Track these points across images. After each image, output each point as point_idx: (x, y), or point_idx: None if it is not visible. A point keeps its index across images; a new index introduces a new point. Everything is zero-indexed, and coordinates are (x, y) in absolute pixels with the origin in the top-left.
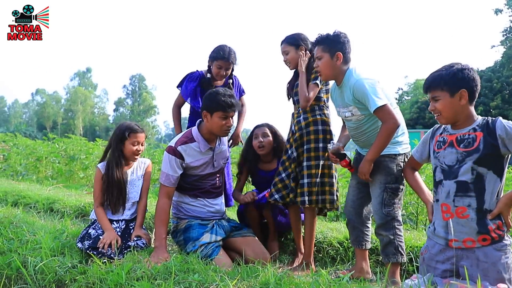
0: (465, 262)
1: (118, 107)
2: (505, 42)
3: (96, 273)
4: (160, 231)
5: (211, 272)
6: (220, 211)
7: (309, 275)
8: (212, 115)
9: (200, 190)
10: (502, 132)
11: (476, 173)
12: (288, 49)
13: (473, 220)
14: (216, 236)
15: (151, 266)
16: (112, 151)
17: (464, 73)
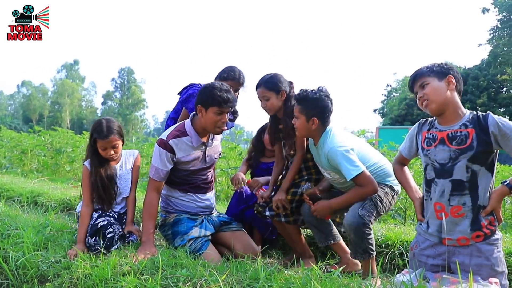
0: (457, 258)
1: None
2: (492, 40)
3: (80, 268)
4: (147, 225)
5: (199, 267)
6: (210, 206)
7: (299, 270)
8: (207, 110)
9: (191, 185)
10: (495, 128)
11: (470, 171)
12: (268, 95)
13: (467, 218)
14: (206, 231)
15: (138, 261)
16: (92, 151)
17: (449, 65)
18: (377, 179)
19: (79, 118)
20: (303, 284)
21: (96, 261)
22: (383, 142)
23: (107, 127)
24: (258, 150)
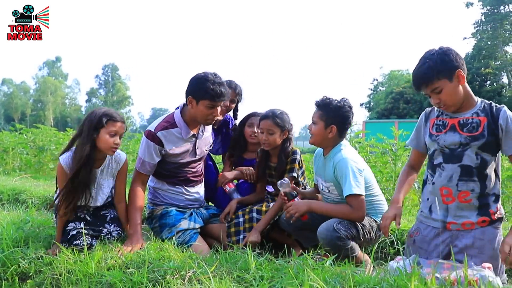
0: (460, 242)
1: (91, 98)
2: (476, 34)
3: (63, 264)
4: (134, 217)
5: (188, 259)
6: (199, 199)
7: (291, 259)
8: (198, 103)
9: (179, 178)
10: (504, 122)
11: (480, 158)
12: (273, 130)
13: (474, 204)
14: (195, 224)
15: (123, 254)
16: (81, 142)
17: (449, 54)
18: (370, 211)
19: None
20: (295, 273)
21: (80, 256)
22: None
23: (117, 113)
24: (240, 146)
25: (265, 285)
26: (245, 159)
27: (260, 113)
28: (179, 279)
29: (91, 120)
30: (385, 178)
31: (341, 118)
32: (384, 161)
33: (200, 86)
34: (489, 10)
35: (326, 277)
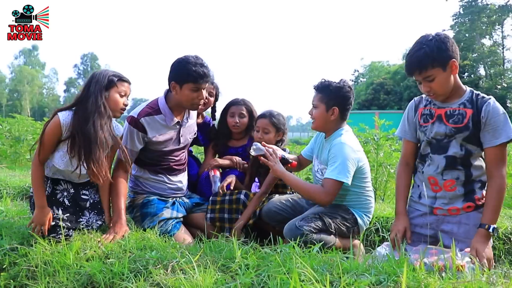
0: (446, 226)
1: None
2: (455, 26)
3: (39, 255)
4: (118, 204)
5: (170, 249)
6: (181, 188)
7: (277, 247)
8: (182, 87)
9: (162, 166)
10: (485, 115)
11: (465, 150)
12: (269, 129)
13: (460, 191)
14: (177, 213)
15: (104, 244)
16: (94, 100)
17: (446, 43)
18: (355, 204)
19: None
20: (282, 261)
21: (57, 246)
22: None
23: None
24: (224, 134)
25: (251, 273)
26: (230, 147)
27: (239, 100)
28: (162, 269)
29: (99, 81)
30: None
31: (342, 99)
32: (367, 151)
33: (182, 70)
34: (467, 3)
35: (314, 265)
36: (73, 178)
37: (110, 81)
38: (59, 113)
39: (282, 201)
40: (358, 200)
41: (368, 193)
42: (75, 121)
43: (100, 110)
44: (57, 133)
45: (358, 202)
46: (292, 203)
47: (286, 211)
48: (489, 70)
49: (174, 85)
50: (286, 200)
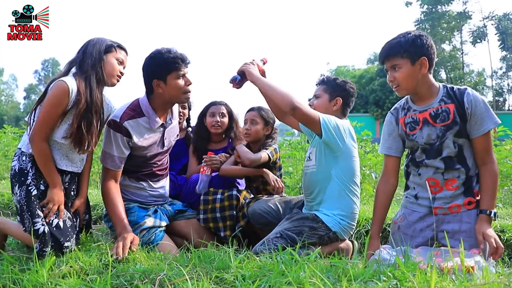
0: (447, 226)
1: (30, 94)
2: None
3: (7, 274)
4: (118, 213)
5: (156, 260)
6: (163, 195)
7: (275, 255)
8: (167, 81)
9: (143, 172)
10: (469, 105)
11: (457, 146)
12: (257, 120)
13: (461, 188)
14: (160, 221)
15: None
16: (92, 64)
17: (422, 40)
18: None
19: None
20: (281, 270)
21: (28, 263)
22: None
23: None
24: (202, 138)
25: (250, 285)
26: (210, 149)
27: (219, 101)
28: (149, 283)
29: (96, 44)
30: None
31: (346, 93)
32: None
33: (159, 63)
34: (428, 9)
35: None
36: (72, 157)
37: (109, 45)
38: (63, 78)
39: (269, 204)
40: (339, 199)
41: (352, 196)
42: (80, 86)
43: (98, 74)
44: (65, 102)
45: (338, 202)
46: (278, 207)
47: (271, 214)
48: (449, 74)
49: (157, 83)
50: (273, 204)
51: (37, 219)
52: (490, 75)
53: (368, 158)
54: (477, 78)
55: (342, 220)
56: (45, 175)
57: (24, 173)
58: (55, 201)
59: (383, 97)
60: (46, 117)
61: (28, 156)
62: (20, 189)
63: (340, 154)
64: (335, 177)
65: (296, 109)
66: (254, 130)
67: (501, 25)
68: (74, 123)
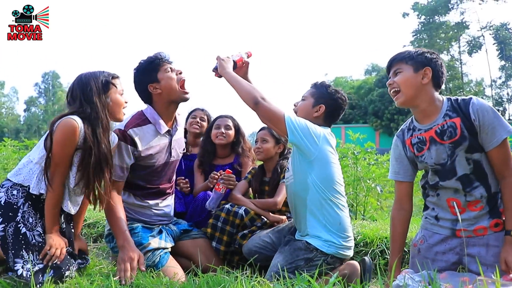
0: (472, 250)
1: (30, 107)
2: (414, 42)
3: None
4: (119, 225)
5: (163, 287)
6: (168, 214)
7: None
8: (159, 80)
9: (150, 191)
10: (476, 117)
11: (472, 162)
12: (267, 139)
13: (485, 208)
14: (166, 242)
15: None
16: (96, 108)
17: (432, 56)
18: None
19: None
20: None
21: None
22: None
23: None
24: (209, 152)
25: None
26: (216, 165)
27: (225, 115)
28: None
29: (92, 87)
30: (347, 183)
31: (333, 102)
32: (344, 165)
33: (146, 68)
34: (426, 19)
35: None
36: (75, 200)
37: (106, 83)
38: (71, 116)
39: (263, 239)
40: (321, 211)
41: (335, 207)
42: (87, 128)
43: (103, 122)
44: (74, 142)
45: (321, 215)
46: (272, 239)
47: (267, 248)
48: (448, 84)
49: (153, 87)
50: (267, 237)
51: (18, 259)
52: (489, 85)
53: (372, 170)
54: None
55: (333, 238)
56: (47, 219)
57: (14, 208)
58: (57, 246)
59: (382, 108)
60: (58, 158)
61: (22, 191)
62: (5, 225)
63: (314, 160)
64: (313, 186)
65: (258, 103)
66: (266, 148)
67: (499, 34)
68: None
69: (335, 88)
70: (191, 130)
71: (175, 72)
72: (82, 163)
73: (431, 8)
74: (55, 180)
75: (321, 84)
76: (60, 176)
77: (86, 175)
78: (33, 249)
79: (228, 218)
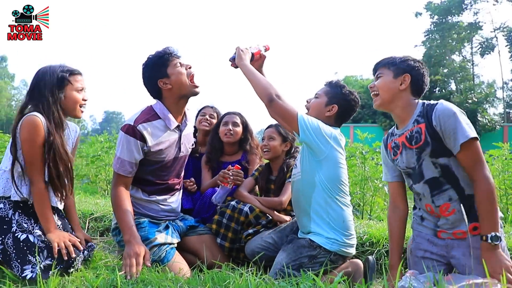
0: (457, 252)
1: None
2: (426, 43)
3: None
4: (126, 221)
5: (168, 282)
6: (175, 210)
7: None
8: (169, 74)
9: (160, 186)
10: (437, 123)
11: (439, 166)
12: (274, 136)
13: (459, 211)
14: (172, 238)
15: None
16: (46, 106)
17: (415, 64)
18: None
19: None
20: None
21: (32, 283)
22: None
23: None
24: (216, 149)
25: None
26: (224, 162)
27: (233, 112)
28: None
29: (47, 81)
30: (353, 182)
31: (346, 103)
32: (351, 165)
33: (156, 63)
34: (439, 19)
35: None
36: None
37: (61, 78)
38: (34, 113)
39: (265, 240)
40: (325, 208)
41: (341, 204)
42: (48, 124)
43: (55, 116)
44: (41, 136)
45: (325, 212)
46: (274, 239)
47: (270, 249)
48: (459, 85)
49: (163, 82)
50: (269, 237)
51: (26, 266)
52: (501, 87)
53: (380, 170)
54: (488, 89)
55: (336, 236)
56: (41, 218)
57: (6, 221)
58: (61, 240)
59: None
60: (31, 156)
61: (8, 203)
62: (1, 238)
63: (323, 159)
64: (319, 184)
65: (273, 100)
66: (272, 146)
67: None
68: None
69: (349, 89)
70: (201, 127)
71: (185, 67)
72: (49, 157)
73: (444, 8)
74: (35, 179)
75: (336, 84)
76: (38, 173)
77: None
78: (39, 250)
79: (233, 215)
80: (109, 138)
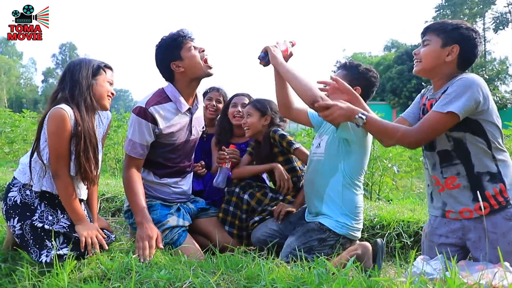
0: (473, 234)
1: (47, 78)
2: (437, 18)
3: (26, 276)
4: (137, 202)
5: (180, 266)
6: (186, 192)
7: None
8: (182, 57)
9: (170, 169)
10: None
11: (453, 140)
12: (252, 113)
13: (466, 187)
14: (184, 221)
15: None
16: (79, 91)
17: (468, 33)
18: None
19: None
20: (318, 284)
21: (48, 265)
22: None
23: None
24: (225, 130)
25: None
26: (233, 143)
27: (242, 93)
28: None
29: (83, 69)
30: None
31: (367, 82)
32: None
33: (169, 45)
34: None
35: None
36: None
37: (96, 67)
38: (61, 106)
39: (269, 227)
40: (342, 194)
41: (355, 190)
42: (76, 114)
43: (87, 102)
44: (68, 128)
45: (340, 198)
46: (279, 226)
47: (275, 236)
48: None
49: (176, 65)
50: (273, 224)
51: (43, 251)
52: None
53: (389, 150)
54: (500, 66)
55: (346, 220)
56: (70, 211)
57: (31, 208)
58: (89, 235)
59: (400, 85)
60: (57, 149)
61: (35, 192)
62: (21, 223)
63: (353, 149)
64: (341, 171)
65: (318, 102)
66: (251, 122)
67: None
68: (81, 157)
69: (365, 67)
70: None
71: (198, 50)
72: (77, 150)
73: None
74: (60, 172)
75: (350, 65)
76: (64, 166)
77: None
78: (56, 235)
79: (238, 202)
80: (117, 117)
